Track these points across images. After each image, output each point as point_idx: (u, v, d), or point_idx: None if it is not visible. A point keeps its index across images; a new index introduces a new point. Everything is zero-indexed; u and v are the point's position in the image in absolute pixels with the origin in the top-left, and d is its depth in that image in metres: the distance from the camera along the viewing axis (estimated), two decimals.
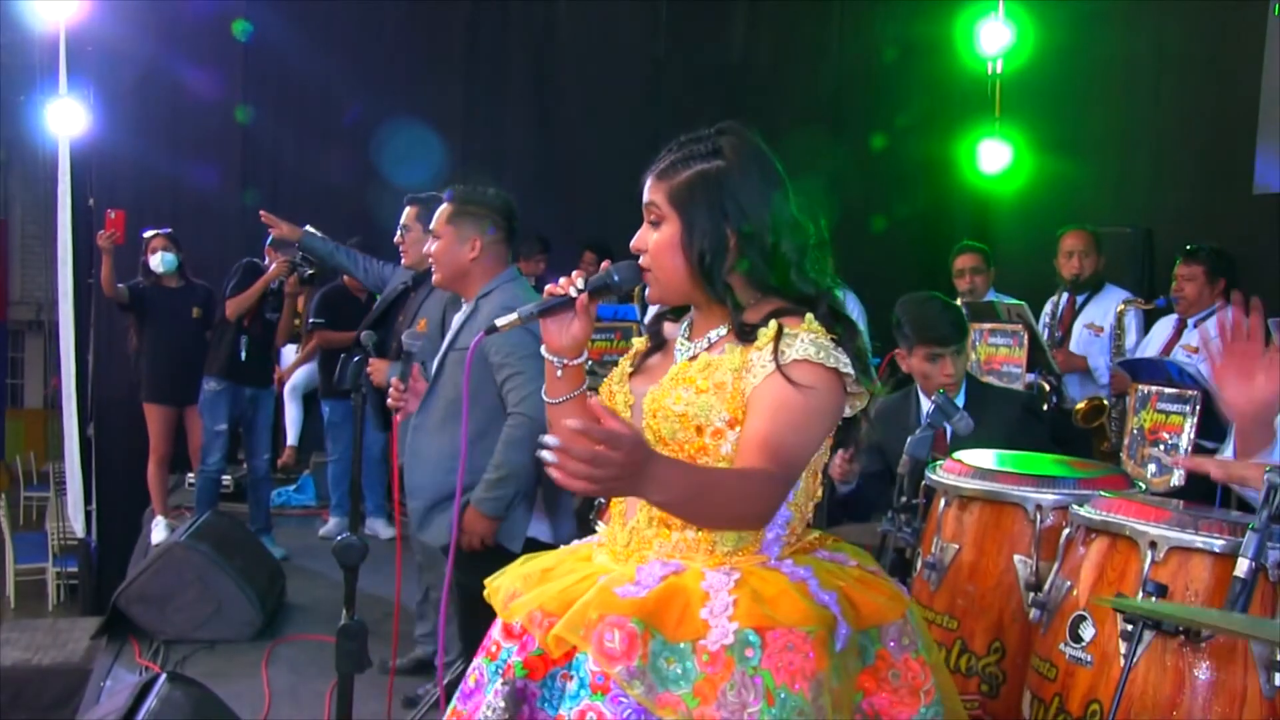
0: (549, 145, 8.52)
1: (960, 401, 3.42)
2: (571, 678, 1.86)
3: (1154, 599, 2.17)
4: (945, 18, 7.92)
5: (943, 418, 2.96)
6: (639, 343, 2.13)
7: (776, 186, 1.94)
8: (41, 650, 5.88)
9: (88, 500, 7.52)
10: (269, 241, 6.54)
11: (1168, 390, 4.05)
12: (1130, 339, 5.15)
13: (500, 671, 1.94)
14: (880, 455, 3.42)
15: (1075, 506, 2.51)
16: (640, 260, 1.97)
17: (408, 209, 4.44)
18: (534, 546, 3.35)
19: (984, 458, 2.97)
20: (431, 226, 3.53)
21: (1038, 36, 7.38)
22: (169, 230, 6.38)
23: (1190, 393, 3.94)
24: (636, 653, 1.77)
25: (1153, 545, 2.24)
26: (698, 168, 1.91)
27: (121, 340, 6.81)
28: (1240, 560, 2.06)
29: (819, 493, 1.99)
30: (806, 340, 1.84)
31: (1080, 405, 4.90)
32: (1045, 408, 4.76)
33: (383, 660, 3.97)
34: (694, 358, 1.97)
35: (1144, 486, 3.03)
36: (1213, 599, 2.16)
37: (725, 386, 1.87)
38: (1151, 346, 5.04)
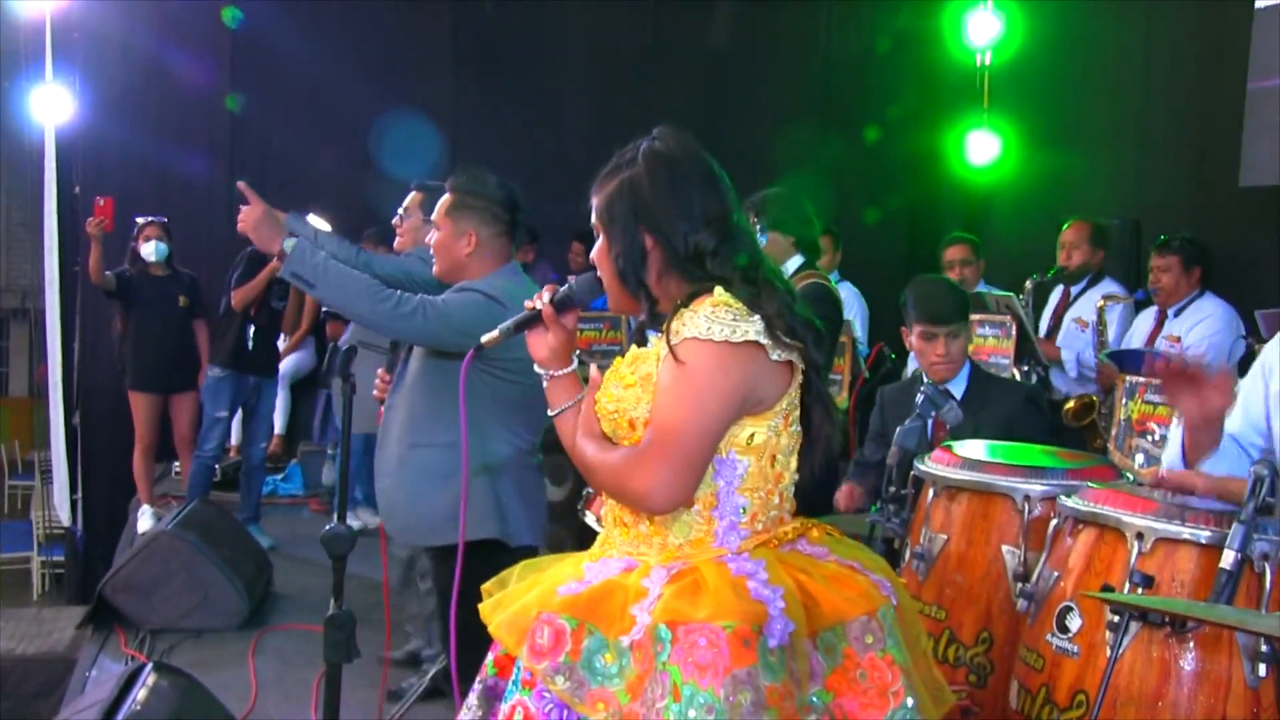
0: (538, 135, 8.47)
1: (961, 388, 3.44)
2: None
3: (1140, 590, 2.19)
4: (934, 9, 7.92)
5: (932, 408, 2.97)
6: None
7: (693, 182, 1.93)
8: (26, 639, 5.85)
9: (73, 489, 7.49)
10: None
11: (1155, 381, 4.06)
12: (1112, 332, 5.17)
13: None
14: (886, 442, 3.42)
15: (1063, 497, 2.52)
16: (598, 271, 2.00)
17: (412, 194, 4.37)
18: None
19: (973, 448, 2.98)
20: (433, 217, 3.45)
21: (1026, 28, 7.38)
22: (164, 219, 6.35)
23: None
24: (564, 649, 1.78)
25: (1139, 536, 2.25)
26: (620, 176, 1.95)
27: (108, 328, 6.78)
28: (1226, 552, 2.08)
29: (785, 477, 1.93)
30: (702, 315, 1.82)
31: (1070, 403, 4.92)
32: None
33: (374, 652, 3.92)
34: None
35: (1131, 477, 3.05)
36: (1199, 590, 2.17)
37: (650, 378, 1.88)
38: (1135, 339, 5.05)
